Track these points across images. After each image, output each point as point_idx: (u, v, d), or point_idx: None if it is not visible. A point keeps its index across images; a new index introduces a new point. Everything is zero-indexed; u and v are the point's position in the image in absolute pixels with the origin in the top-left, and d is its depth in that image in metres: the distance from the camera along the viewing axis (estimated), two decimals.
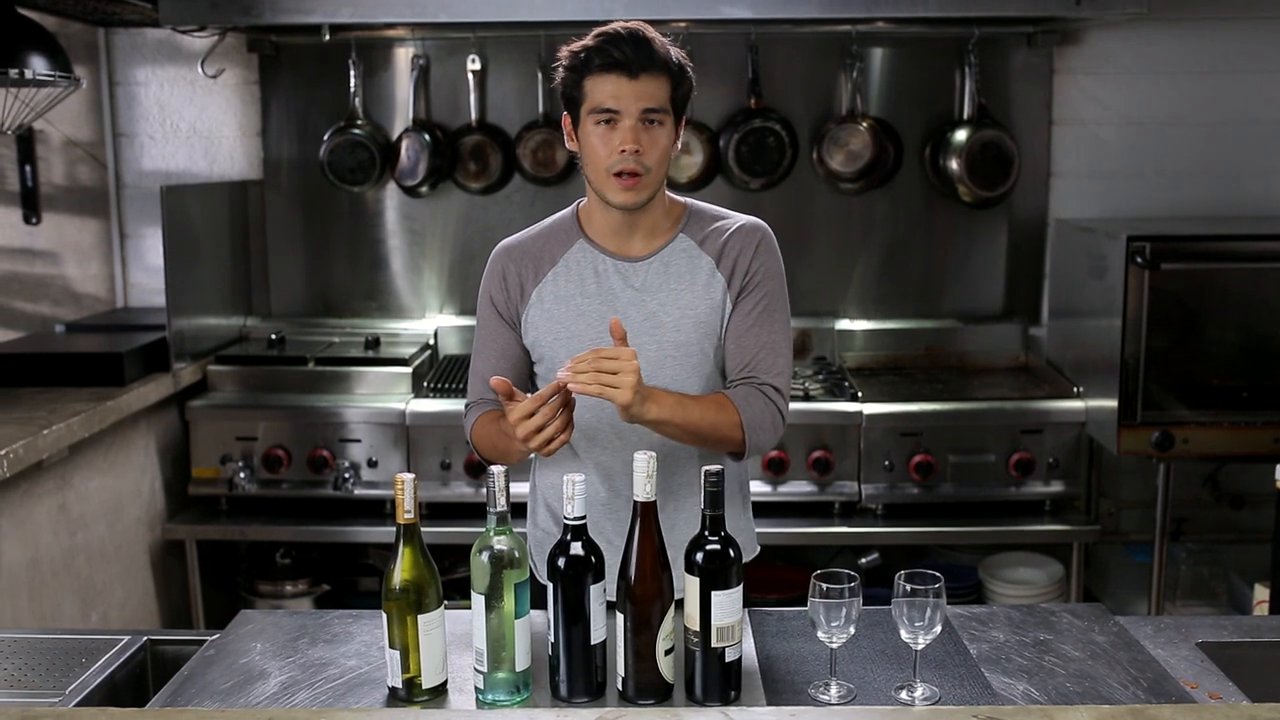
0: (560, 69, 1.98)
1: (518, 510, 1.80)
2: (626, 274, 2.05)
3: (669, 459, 2.03)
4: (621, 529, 1.88)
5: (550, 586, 1.70)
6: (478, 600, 1.69)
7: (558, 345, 2.05)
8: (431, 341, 4.00)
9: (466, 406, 2.18)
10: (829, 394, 3.59)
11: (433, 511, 3.49)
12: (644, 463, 1.67)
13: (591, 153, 1.96)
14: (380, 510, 3.55)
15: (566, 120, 2.02)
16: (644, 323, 2.03)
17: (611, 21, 1.92)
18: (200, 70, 3.88)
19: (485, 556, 1.68)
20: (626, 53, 1.90)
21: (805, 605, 1.74)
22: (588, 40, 1.95)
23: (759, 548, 2.23)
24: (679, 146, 2.04)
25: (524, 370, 2.13)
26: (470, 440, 2.15)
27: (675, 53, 1.97)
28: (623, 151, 1.92)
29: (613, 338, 1.87)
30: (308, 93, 4.00)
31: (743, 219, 2.10)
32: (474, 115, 3.94)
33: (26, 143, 3.63)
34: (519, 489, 2.21)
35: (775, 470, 3.46)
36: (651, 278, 2.04)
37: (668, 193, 2.10)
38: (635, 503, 1.69)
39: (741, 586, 1.70)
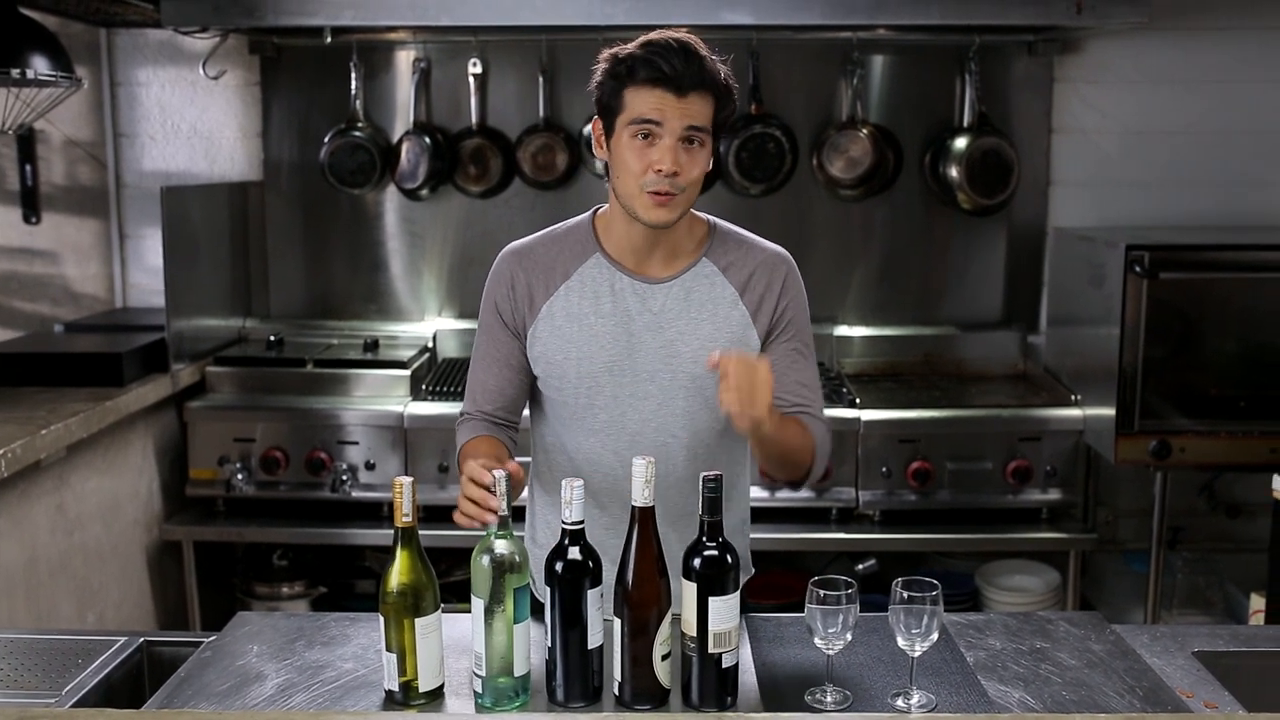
0: (601, 74, 1.88)
1: (519, 515, 1.80)
2: (645, 296, 1.96)
3: (669, 473, 1.99)
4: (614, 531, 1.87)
5: (548, 591, 1.70)
6: (477, 604, 1.69)
7: (567, 365, 1.98)
8: (430, 344, 4.00)
9: (461, 415, 2.09)
10: (827, 400, 3.57)
11: (430, 515, 3.47)
12: (642, 468, 1.67)
13: (624, 166, 1.87)
14: (377, 513, 3.55)
15: (597, 125, 1.93)
16: (660, 350, 1.96)
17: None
18: (201, 71, 3.89)
19: (486, 560, 1.68)
20: (676, 67, 1.81)
21: (802, 611, 1.74)
22: (634, 48, 1.85)
23: (754, 569, 2.19)
24: (709, 166, 1.93)
25: (525, 382, 2.05)
26: (459, 457, 2.03)
27: (724, 71, 1.89)
28: (659, 171, 1.83)
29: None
30: (309, 95, 4.01)
31: (768, 249, 2.03)
32: (475, 119, 3.94)
33: (27, 142, 3.63)
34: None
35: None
36: (671, 303, 1.96)
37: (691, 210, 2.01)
38: (633, 508, 1.69)
39: (739, 593, 1.70)
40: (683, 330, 1.96)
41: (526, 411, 2.12)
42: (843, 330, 4.02)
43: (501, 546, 1.68)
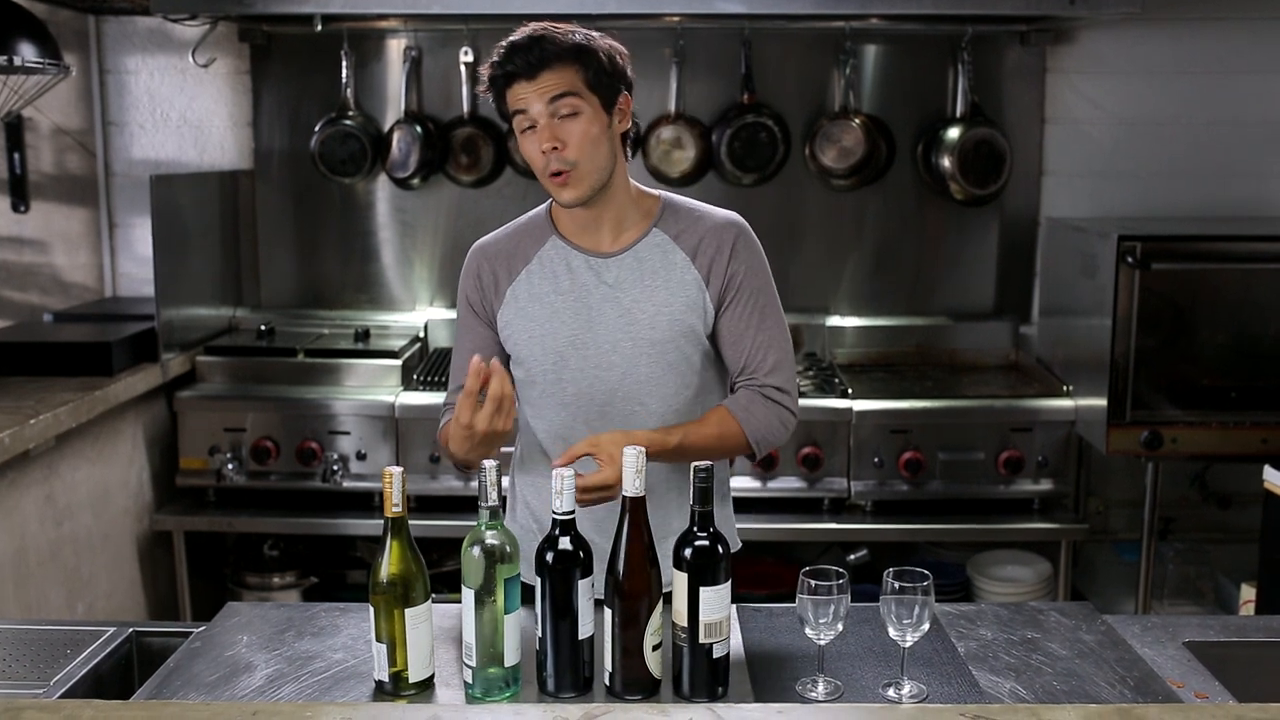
0: (486, 92, 2.00)
1: None
2: (599, 269, 2.02)
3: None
4: (601, 528, 1.88)
5: (538, 581, 1.70)
6: (468, 595, 1.68)
7: (533, 343, 2.03)
8: (421, 334, 3.99)
9: (444, 407, 2.15)
10: (819, 390, 3.59)
11: (421, 505, 3.49)
12: (633, 457, 1.67)
13: (529, 161, 1.97)
14: (368, 503, 3.54)
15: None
16: (619, 319, 2.00)
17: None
18: (191, 59, 3.87)
19: (477, 551, 1.67)
20: (518, 62, 1.91)
21: (793, 601, 1.74)
22: (493, 57, 1.96)
23: (740, 543, 2.21)
24: (625, 123, 2.00)
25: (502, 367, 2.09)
26: (439, 440, 2.10)
27: (580, 36, 1.95)
28: (544, 152, 1.92)
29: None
30: (299, 83, 3.99)
31: (718, 215, 2.07)
32: (466, 108, 3.93)
33: (15, 130, 3.61)
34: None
35: (764, 466, 3.46)
36: (624, 273, 2.01)
37: (640, 186, 2.08)
38: (624, 498, 1.69)
39: (730, 583, 1.70)
40: (638, 298, 2.01)
41: None
42: (835, 320, 4.01)
43: (492, 537, 1.68)
